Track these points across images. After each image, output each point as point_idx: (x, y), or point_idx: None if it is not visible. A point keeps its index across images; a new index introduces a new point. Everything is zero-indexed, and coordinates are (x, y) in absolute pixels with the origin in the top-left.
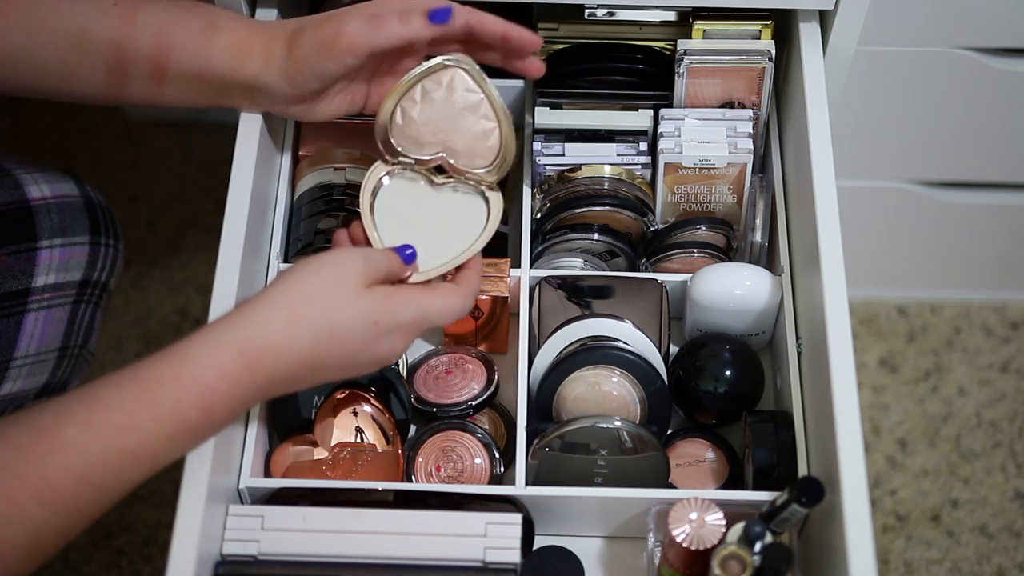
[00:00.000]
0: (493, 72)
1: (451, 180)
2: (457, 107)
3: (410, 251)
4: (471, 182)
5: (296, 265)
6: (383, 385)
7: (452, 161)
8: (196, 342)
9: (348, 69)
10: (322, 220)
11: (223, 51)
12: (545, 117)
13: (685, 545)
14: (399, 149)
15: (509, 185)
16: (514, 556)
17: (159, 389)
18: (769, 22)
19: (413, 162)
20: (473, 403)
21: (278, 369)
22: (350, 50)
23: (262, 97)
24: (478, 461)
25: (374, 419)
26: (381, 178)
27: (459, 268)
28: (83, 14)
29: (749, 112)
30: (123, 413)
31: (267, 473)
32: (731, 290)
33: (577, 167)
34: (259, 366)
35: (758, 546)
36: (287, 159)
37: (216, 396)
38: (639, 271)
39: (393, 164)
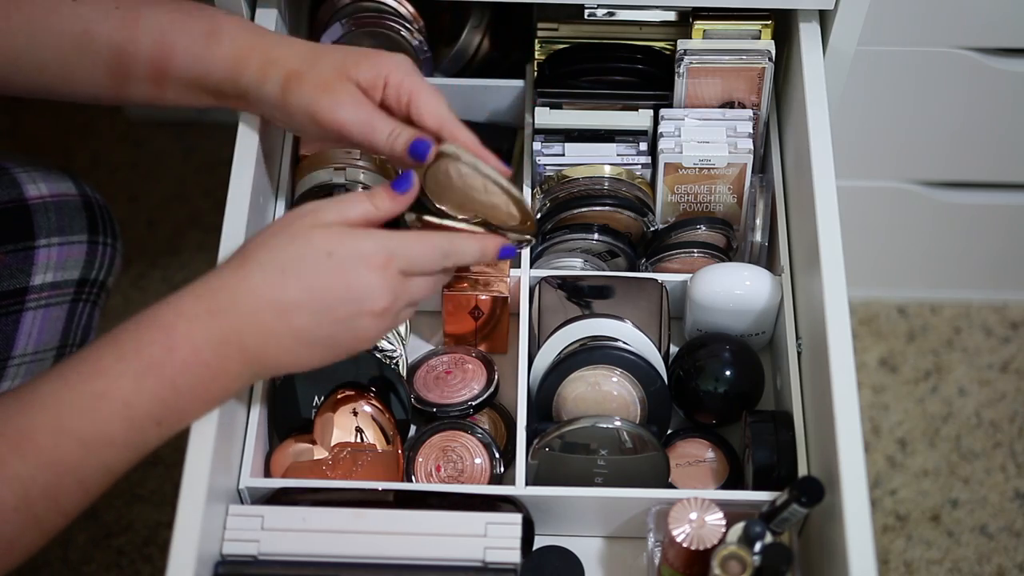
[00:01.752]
0: (491, 73)
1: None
2: (469, 188)
3: (406, 181)
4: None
5: None
6: (383, 385)
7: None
8: (161, 299)
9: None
10: None
11: (222, 60)
12: (545, 117)
13: (685, 545)
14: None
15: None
16: (514, 556)
17: (121, 335)
18: (769, 22)
19: (455, 218)
20: (473, 403)
21: (238, 309)
22: (336, 137)
23: (256, 109)
24: (478, 461)
25: (374, 419)
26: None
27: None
28: (85, 16)
29: (749, 112)
30: (90, 360)
31: (267, 473)
32: (731, 290)
33: (577, 167)
34: (216, 306)
35: (758, 546)
36: (287, 159)
37: (176, 333)
38: (639, 271)
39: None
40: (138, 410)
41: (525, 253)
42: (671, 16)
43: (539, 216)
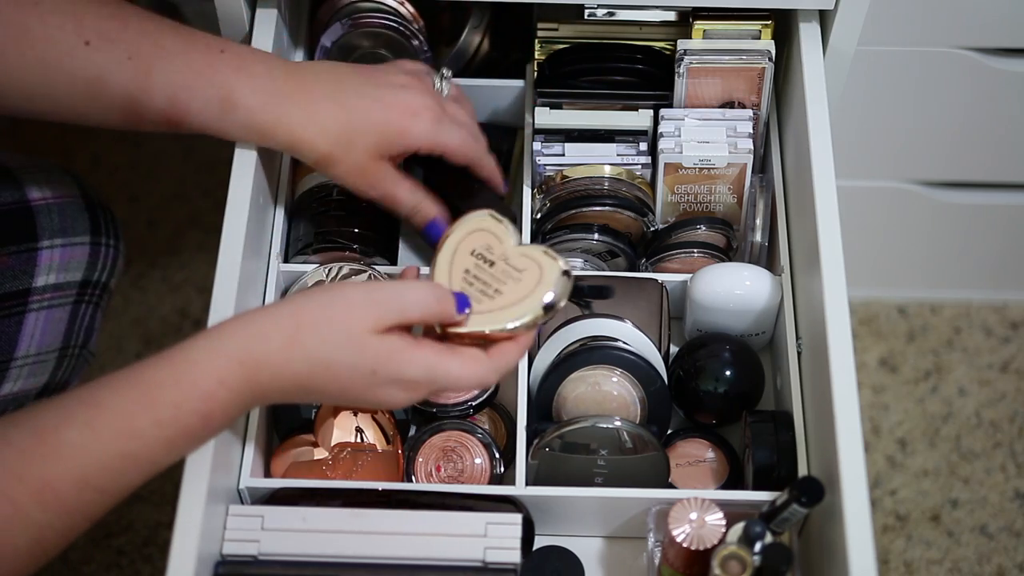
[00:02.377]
0: (491, 73)
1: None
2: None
3: (465, 304)
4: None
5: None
6: None
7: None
8: (197, 347)
9: None
10: (322, 220)
11: (240, 130)
12: (545, 117)
13: (685, 545)
14: None
15: (509, 185)
16: (514, 556)
17: (159, 394)
18: (769, 22)
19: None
20: (473, 403)
21: (274, 384)
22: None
23: None
24: (478, 461)
25: (374, 419)
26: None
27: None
28: (99, 63)
29: (749, 112)
30: (124, 417)
31: (267, 473)
32: (731, 290)
33: (577, 167)
34: (256, 378)
35: (758, 546)
36: (287, 159)
37: (215, 403)
38: (639, 271)
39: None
40: (163, 463)
41: None
42: (671, 16)
43: (539, 216)
